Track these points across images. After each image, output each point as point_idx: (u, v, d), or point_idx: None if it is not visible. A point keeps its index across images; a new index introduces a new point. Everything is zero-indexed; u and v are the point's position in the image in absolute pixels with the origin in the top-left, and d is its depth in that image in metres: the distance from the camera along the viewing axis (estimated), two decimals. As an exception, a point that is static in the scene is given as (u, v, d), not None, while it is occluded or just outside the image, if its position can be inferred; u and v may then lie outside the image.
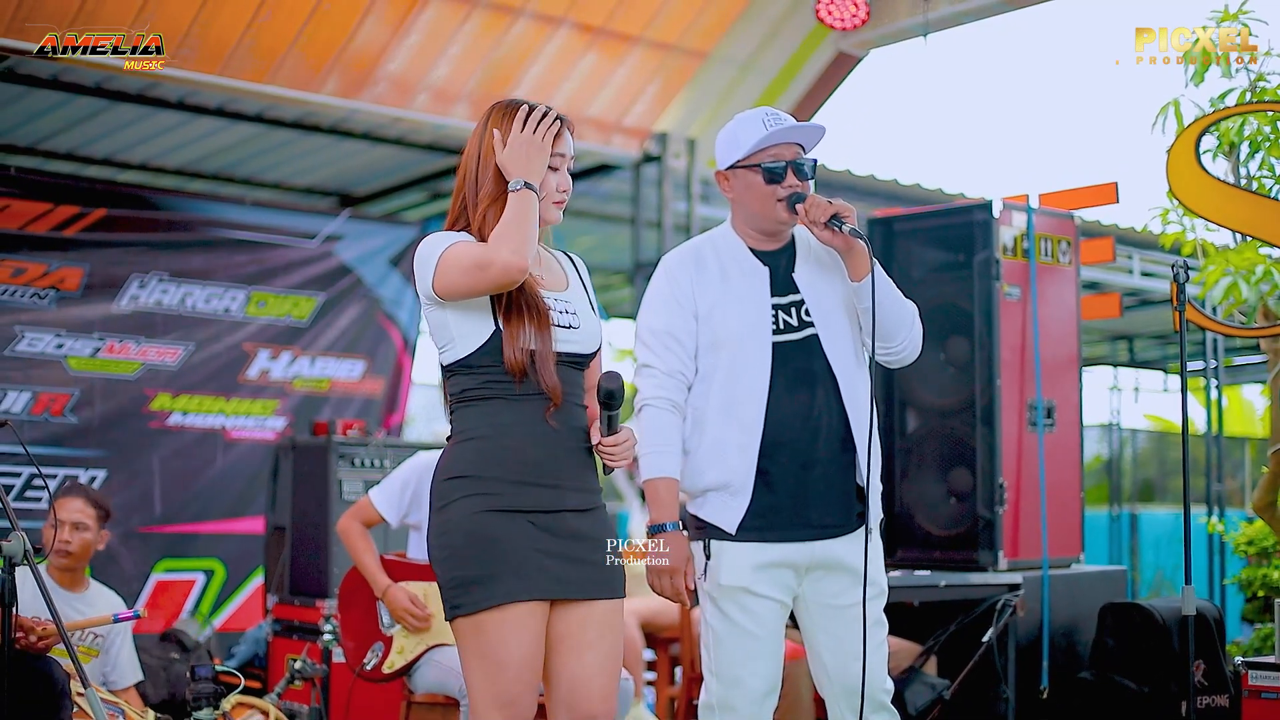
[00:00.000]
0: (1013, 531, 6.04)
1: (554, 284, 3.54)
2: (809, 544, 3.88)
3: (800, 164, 3.92)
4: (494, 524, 3.32)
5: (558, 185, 3.50)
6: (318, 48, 7.82)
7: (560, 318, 3.45)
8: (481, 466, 3.36)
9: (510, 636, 3.28)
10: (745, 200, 3.98)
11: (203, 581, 8.55)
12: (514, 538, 3.32)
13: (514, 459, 3.36)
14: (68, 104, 8.35)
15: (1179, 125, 6.25)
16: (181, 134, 8.98)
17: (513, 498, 3.34)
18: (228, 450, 8.72)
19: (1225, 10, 6.20)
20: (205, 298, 8.64)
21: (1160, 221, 6.59)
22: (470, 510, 3.33)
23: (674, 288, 3.98)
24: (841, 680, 3.93)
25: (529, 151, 3.39)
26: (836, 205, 3.81)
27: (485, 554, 3.30)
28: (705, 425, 3.91)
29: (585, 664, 3.41)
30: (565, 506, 3.41)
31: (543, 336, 3.38)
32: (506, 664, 3.28)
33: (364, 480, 6.58)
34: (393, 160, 9.62)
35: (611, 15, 8.29)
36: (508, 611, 3.28)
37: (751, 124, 3.96)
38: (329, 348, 9.16)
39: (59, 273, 8.10)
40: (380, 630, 5.13)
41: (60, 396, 8.04)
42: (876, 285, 3.83)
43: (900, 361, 4.03)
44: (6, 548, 3.81)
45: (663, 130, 9.10)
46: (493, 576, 3.29)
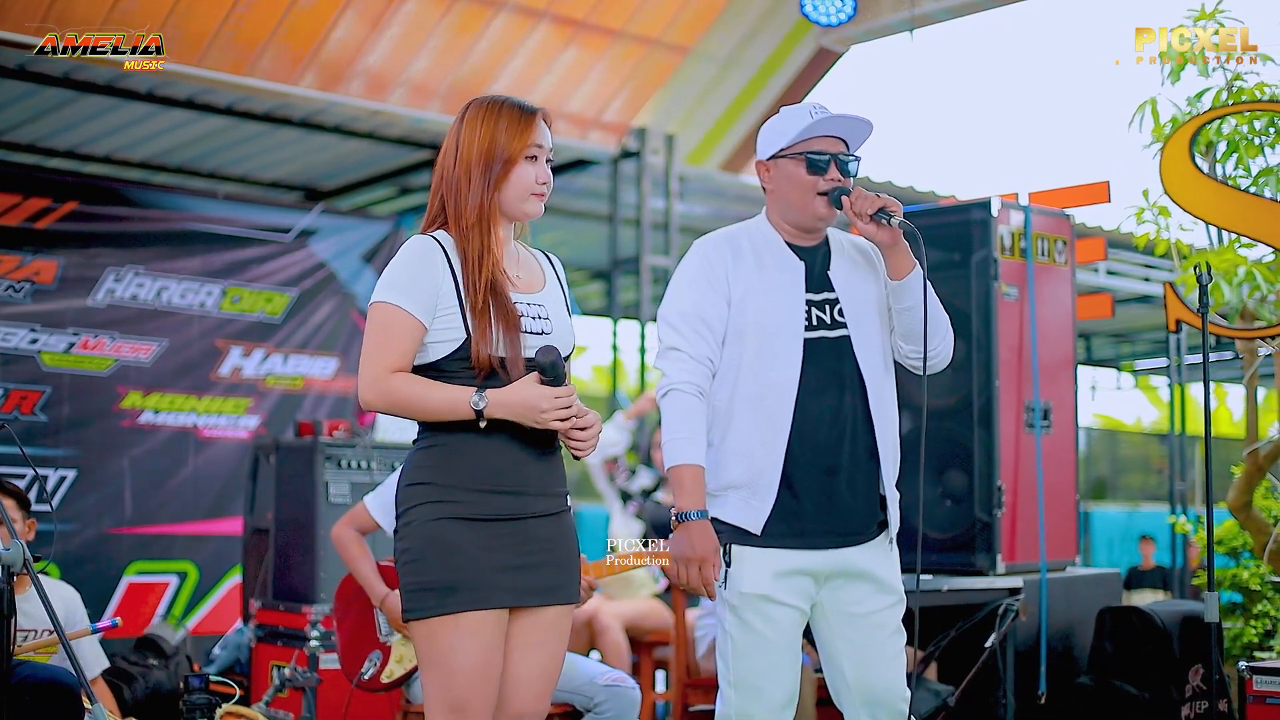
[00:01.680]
0: (1010, 534, 5.97)
1: (530, 285, 3.48)
2: (830, 551, 3.79)
3: (845, 160, 3.83)
4: (453, 532, 3.28)
5: (536, 177, 3.43)
6: (296, 41, 7.72)
7: (532, 323, 3.40)
8: (443, 474, 3.31)
9: (461, 644, 3.25)
10: (784, 191, 3.86)
11: (175, 584, 8.41)
12: (472, 547, 3.28)
13: (476, 466, 3.31)
14: (34, 94, 8.20)
15: (1155, 124, 6.28)
16: (149, 126, 8.89)
17: (474, 506, 3.30)
18: (200, 450, 8.59)
19: (1202, 9, 6.21)
20: (180, 292, 8.51)
21: (1135, 221, 6.58)
22: (430, 517, 3.29)
23: (709, 271, 3.86)
24: (862, 690, 3.85)
25: (521, 414, 3.29)
26: (883, 199, 3.73)
27: (443, 562, 3.27)
28: (730, 419, 3.80)
29: (526, 664, 3.40)
30: (528, 513, 3.37)
31: (512, 341, 3.32)
32: (456, 671, 3.25)
33: (350, 482, 6.45)
34: (363, 154, 9.54)
35: (593, 9, 8.21)
36: (461, 620, 3.25)
37: (798, 114, 3.86)
38: (303, 345, 9.04)
39: (33, 265, 7.95)
40: (378, 639, 5.01)
41: (31, 394, 7.89)
42: (915, 286, 3.77)
43: (934, 367, 3.93)
44: (6, 556, 3.68)
45: (641, 126, 9.02)
46: (449, 585, 3.26)
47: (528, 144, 3.41)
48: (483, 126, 3.42)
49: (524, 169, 3.41)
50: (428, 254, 3.36)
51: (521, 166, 3.41)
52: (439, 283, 3.34)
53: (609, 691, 4.82)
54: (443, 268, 3.35)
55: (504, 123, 3.42)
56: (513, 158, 3.40)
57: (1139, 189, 6.57)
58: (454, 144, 3.43)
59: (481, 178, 3.39)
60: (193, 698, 4.64)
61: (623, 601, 7.33)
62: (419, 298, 3.32)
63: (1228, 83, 6.26)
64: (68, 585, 5.64)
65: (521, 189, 3.42)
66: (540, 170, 3.44)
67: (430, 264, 3.35)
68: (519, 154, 3.41)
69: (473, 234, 3.38)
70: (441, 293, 3.33)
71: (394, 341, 3.31)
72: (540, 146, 3.44)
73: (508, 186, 3.41)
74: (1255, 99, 6.19)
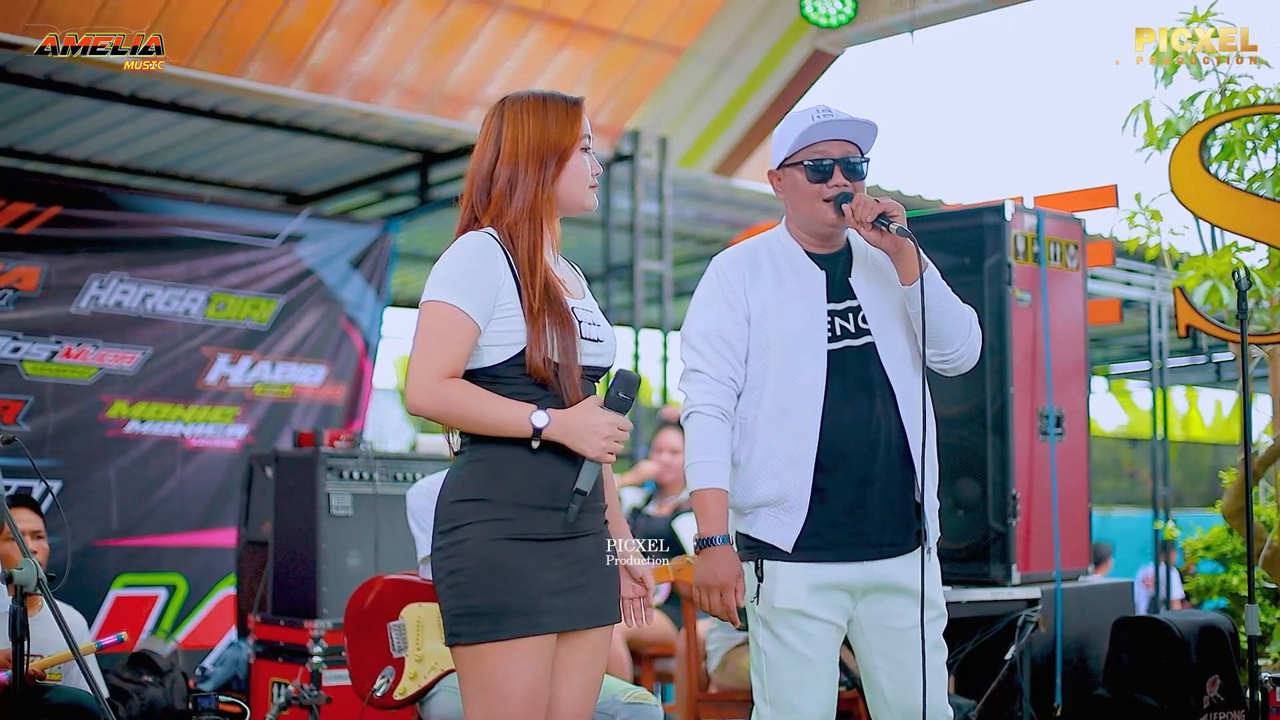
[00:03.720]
0: (1024, 544, 5.89)
1: (575, 290, 3.39)
2: (866, 564, 3.71)
3: (851, 162, 3.74)
4: (507, 553, 3.16)
5: (592, 168, 3.38)
6: (287, 44, 7.62)
7: (588, 329, 3.30)
8: (496, 490, 3.18)
9: (514, 670, 3.15)
10: (794, 200, 3.80)
11: (164, 597, 8.28)
12: (526, 570, 3.17)
13: (530, 481, 3.19)
14: (14, 96, 8.05)
15: (1149, 127, 6.29)
16: (131, 128, 8.75)
17: (527, 524, 3.18)
18: (187, 460, 8.45)
19: (1194, 12, 6.19)
20: (166, 299, 8.37)
21: (1127, 225, 6.57)
22: (485, 536, 3.16)
23: (726, 288, 3.78)
24: (902, 706, 3.78)
25: (578, 437, 3.19)
26: (884, 204, 3.64)
27: (497, 586, 3.15)
28: (756, 436, 3.72)
29: (569, 686, 3.32)
30: (578, 531, 3.27)
31: (567, 349, 3.21)
32: (509, 696, 3.15)
33: (353, 493, 6.32)
34: (347, 158, 9.42)
35: (589, 9, 8.12)
36: (515, 646, 3.15)
37: (800, 119, 3.79)
38: (290, 352, 8.91)
39: (16, 272, 7.79)
40: (391, 654, 4.88)
41: (13, 404, 7.75)
42: (928, 288, 3.67)
43: (957, 369, 3.87)
44: (18, 576, 3.56)
45: (634, 129, 8.92)
46: (502, 610, 3.15)
47: (580, 134, 3.34)
48: (531, 120, 3.32)
49: (580, 159, 3.34)
50: (488, 252, 3.23)
51: (577, 157, 3.33)
52: (499, 283, 3.21)
53: (632, 709, 4.71)
54: (504, 267, 3.22)
55: (553, 115, 3.33)
56: (568, 149, 3.31)
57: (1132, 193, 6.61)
58: (492, 142, 3.33)
59: (538, 172, 3.29)
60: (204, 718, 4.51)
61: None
62: (479, 299, 3.18)
63: (1220, 86, 6.25)
64: (70, 606, 5.51)
65: (580, 180, 3.34)
66: (593, 161, 3.39)
67: (492, 263, 3.22)
68: (574, 145, 3.33)
69: (522, 230, 3.26)
70: (502, 294, 3.21)
71: (450, 344, 3.17)
72: (589, 137, 3.38)
73: (566, 178, 3.33)
74: (1249, 103, 6.18)
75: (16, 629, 3.56)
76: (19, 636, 3.56)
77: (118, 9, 6.89)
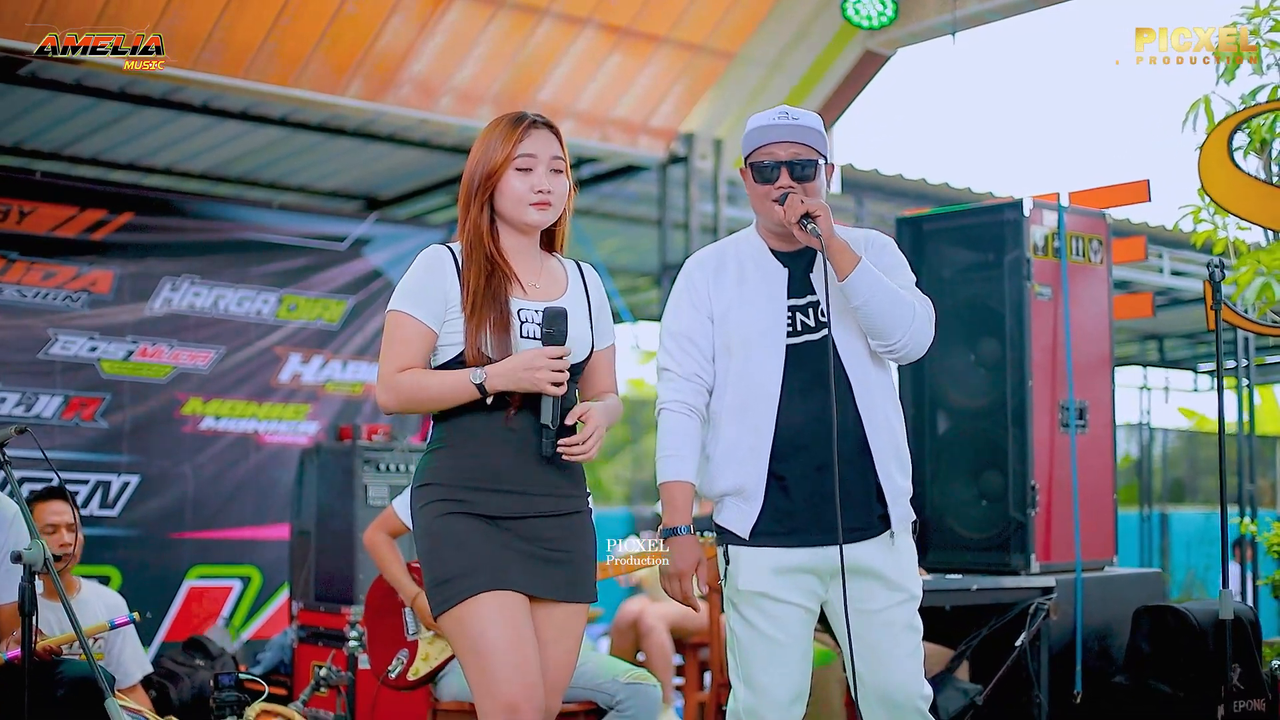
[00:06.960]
0: (1045, 534, 5.96)
1: (546, 293, 3.55)
2: (830, 548, 3.80)
3: (794, 163, 3.83)
4: (459, 525, 3.39)
5: (531, 186, 3.47)
6: (341, 50, 7.83)
7: (529, 329, 3.46)
8: (446, 475, 3.44)
9: (489, 626, 3.32)
10: (751, 199, 3.96)
11: (239, 588, 8.54)
12: (480, 538, 3.39)
13: (477, 467, 3.42)
14: (92, 109, 8.37)
15: (1209, 122, 6.15)
16: (206, 138, 9.02)
17: (476, 504, 3.41)
18: (260, 455, 8.72)
19: (1256, 6, 6.11)
20: (237, 300, 8.64)
21: (1192, 220, 6.50)
22: (438, 513, 3.41)
23: (691, 290, 3.97)
24: (875, 687, 3.85)
25: (519, 377, 3.37)
26: (809, 204, 3.73)
27: (455, 553, 3.37)
28: (720, 429, 3.90)
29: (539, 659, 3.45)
30: (533, 512, 3.46)
31: (500, 343, 3.41)
32: (493, 651, 3.31)
33: (389, 485, 6.56)
34: (419, 163, 9.64)
35: (637, 15, 8.26)
36: (482, 600, 3.33)
37: (752, 123, 3.93)
38: (360, 351, 9.14)
39: (90, 276, 8.11)
40: (405, 637, 5.10)
41: (91, 401, 8.04)
42: (858, 284, 3.74)
43: (905, 358, 3.90)
44: (27, 555, 3.80)
45: (689, 131, 9.06)
46: (464, 571, 3.35)
47: (513, 154, 3.47)
48: (480, 142, 3.54)
49: (511, 179, 3.48)
50: (438, 263, 3.49)
51: (509, 177, 3.48)
52: (447, 291, 3.46)
53: (630, 689, 4.87)
54: (452, 277, 3.47)
55: (496, 136, 3.51)
56: (497, 170, 3.47)
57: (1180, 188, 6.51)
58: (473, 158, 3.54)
59: (476, 190, 3.50)
60: (223, 695, 4.74)
61: (668, 603, 7.38)
62: (428, 305, 3.45)
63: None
64: (113, 592, 5.77)
65: (513, 199, 3.48)
66: (536, 179, 3.47)
67: (440, 273, 3.48)
68: (504, 165, 3.47)
69: (475, 244, 3.49)
70: (449, 300, 3.46)
71: (404, 346, 3.45)
72: (532, 156, 3.47)
73: (500, 197, 3.50)
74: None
75: (25, 605, 3.80)
76: (27, 612, 3.80)
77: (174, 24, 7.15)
